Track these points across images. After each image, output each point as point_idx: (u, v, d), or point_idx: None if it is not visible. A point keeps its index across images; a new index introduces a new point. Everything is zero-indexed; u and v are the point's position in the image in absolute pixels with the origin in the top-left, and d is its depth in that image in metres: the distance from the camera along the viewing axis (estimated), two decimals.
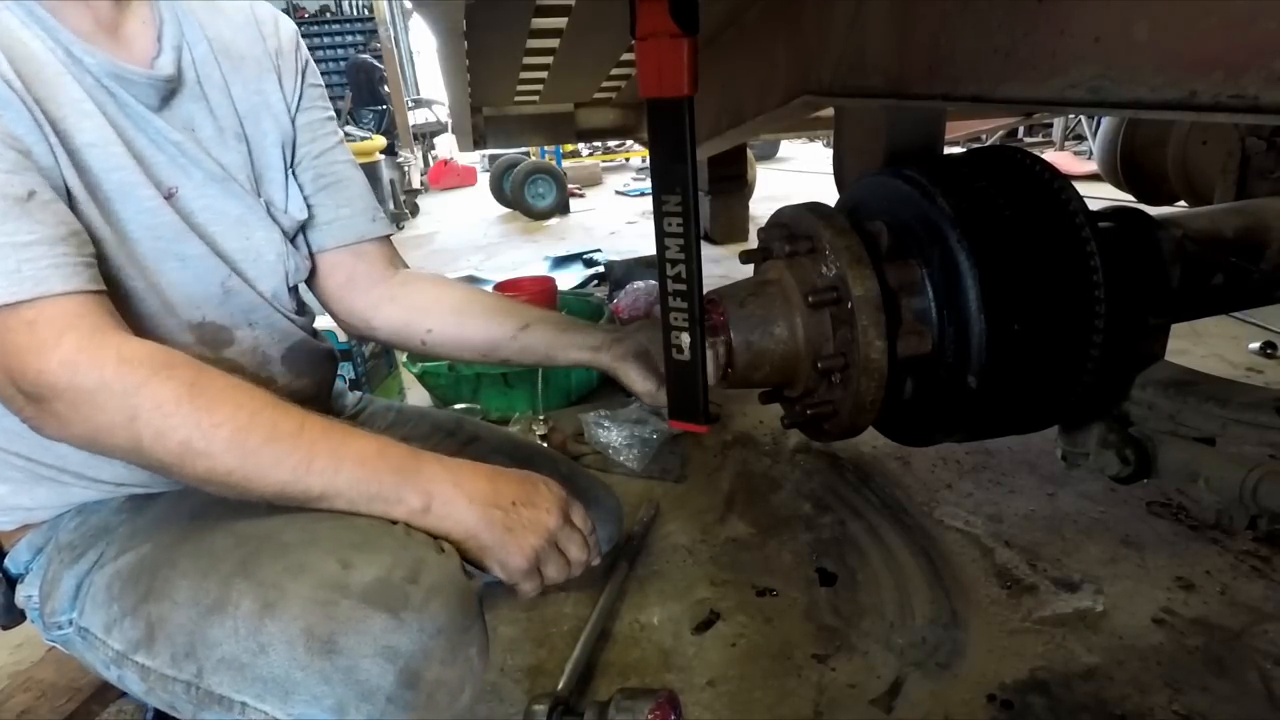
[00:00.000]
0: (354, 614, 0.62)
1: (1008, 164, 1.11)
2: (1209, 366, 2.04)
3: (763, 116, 1.82)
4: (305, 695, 0.61)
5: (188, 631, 0.65)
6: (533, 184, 6.46)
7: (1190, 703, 1.00)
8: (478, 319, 0.99)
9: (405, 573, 0.65)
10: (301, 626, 0.62)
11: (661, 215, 0.80)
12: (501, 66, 2.51)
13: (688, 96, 0.74)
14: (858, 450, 1.75)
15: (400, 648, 0.62)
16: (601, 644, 1.18)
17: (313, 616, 0.62)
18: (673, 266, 0.82)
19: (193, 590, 0.66)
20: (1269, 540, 1.31)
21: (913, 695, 1.05)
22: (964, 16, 0.88)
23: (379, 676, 0.61)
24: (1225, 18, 0.56)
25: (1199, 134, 2.55)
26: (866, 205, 1.16)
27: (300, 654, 0.61)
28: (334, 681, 0.60)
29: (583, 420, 1.91)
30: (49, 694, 0.99)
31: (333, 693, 0.60)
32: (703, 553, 1.41)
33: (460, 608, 0.67)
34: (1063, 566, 1.29)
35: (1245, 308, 1.43)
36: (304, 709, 0.61)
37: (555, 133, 3.70)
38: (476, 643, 0.69)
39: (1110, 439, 1.19)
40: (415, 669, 0.62)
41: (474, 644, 0.68)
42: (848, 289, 1.00)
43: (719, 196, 4.35)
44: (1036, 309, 1.01)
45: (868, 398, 1.04)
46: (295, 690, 0.61)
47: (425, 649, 0.63)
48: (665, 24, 0.70)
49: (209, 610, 0.65)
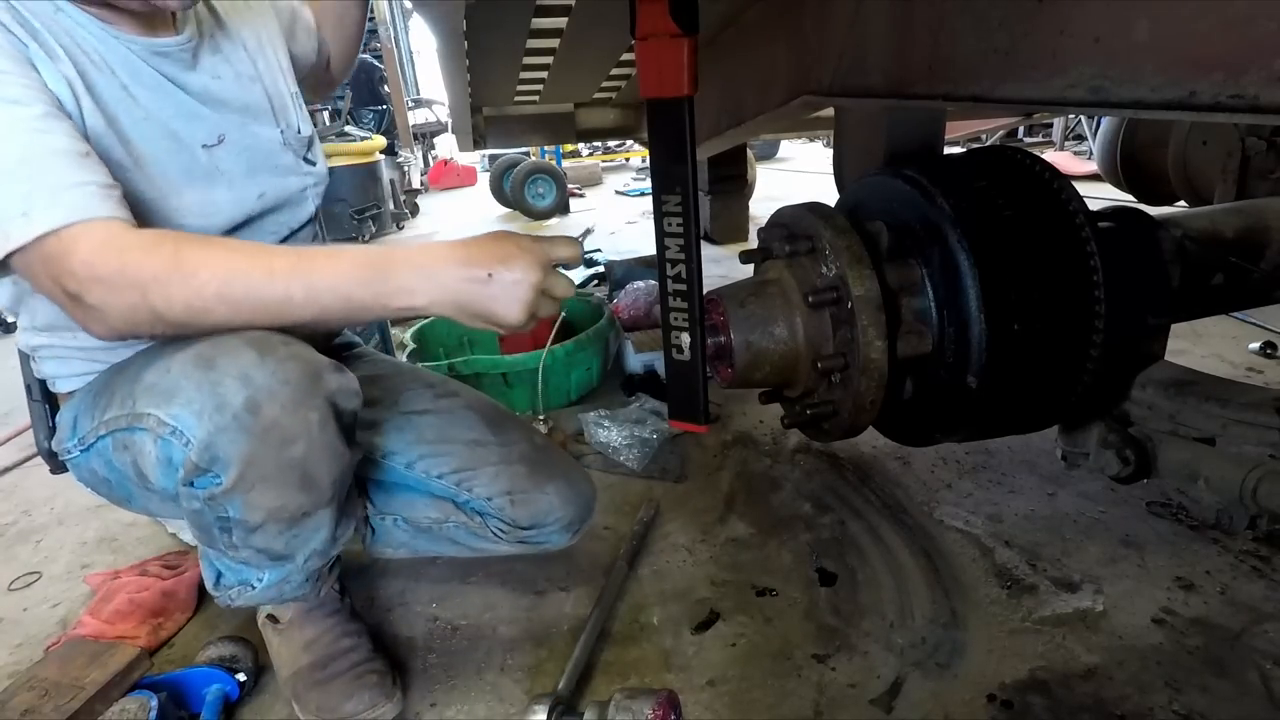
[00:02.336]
0: (235, 348, 0.80)
1: (1008, 164, 1.11)
2: (1209, 366, 2.04)
3: (763, 116, 1.82)
4: (181, 399, 0.80)
5: (131, 380, 0.87)
6: (533, 184, 6.46)
7: (1190, 703, 1.00)
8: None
9: (283, 339, 0.83)
10: (195, 352, 0.81)
11: (661, 215, 0.80)
12: (501, 66, 2.51)
13: (688, 96, 0.74)
14: (858, 450, 1.75)
15: (254, 379, 0.79)
16: (601, 644, 1.18)
17: (205, 347, 0.81)
18: (673, 266, 0.82)
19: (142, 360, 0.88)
20: (1269, 540, 1.31)
21: (913, 695, 1.05)
22: (964, 17, 0.88)
23: (233, 395, 0.79)
24: (1225, 18, 0.56)
25: (1199, 134, 2.55)
26: (866, 205, 1.17)
27: (189, 368, 0.80)
28: (203, 390, 0.79)
29: (583, 420, 1.91)
30: (52, 693, 0.99)
31: (199, 398, 0.79)
32: (703, 553, 1.41)
33: (310, 379, 0.83)
34: (1063, 566, 1.29)
35: (1245, 308, 1.43)
36: (178, 409, 0.80)
37: (555, 133, 3.70)
38: (318, 412, 0.84)
39: (1110, 439, 1.19)
40: (259, 400, 0.80)
41: (315, 411, 0.83)
42: (848, 289, 1.01)
43: (719, 196, 4.34)
44: (1036, 309, 1.01)
45: (868, 398, 1.05)
46: (177, 395, 0.80)
47: (271, 389, 0.80)
48: (665, 24, 0.70)
49: (147, 363, 0.86)
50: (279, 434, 0.82)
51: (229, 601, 0.99)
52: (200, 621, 1.32)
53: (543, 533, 1.20)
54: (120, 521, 1.70)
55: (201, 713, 1.04)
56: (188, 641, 1.27)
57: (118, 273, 0.76)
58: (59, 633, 1.31)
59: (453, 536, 1.24)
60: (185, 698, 1.08)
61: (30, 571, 1.55)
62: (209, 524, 0.88)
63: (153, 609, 1.29)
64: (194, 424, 0.80)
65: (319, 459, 0.86)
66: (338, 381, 0.87)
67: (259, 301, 0.79)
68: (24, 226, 0.75)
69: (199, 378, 0.80)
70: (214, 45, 1.03)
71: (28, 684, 1.01)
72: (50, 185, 0.76)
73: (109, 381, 0.94)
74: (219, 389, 0.79)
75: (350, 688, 1.04)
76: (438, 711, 1.08)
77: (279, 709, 1.11)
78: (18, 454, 2.19)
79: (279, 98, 1.11)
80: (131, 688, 1.04)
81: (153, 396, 0.83)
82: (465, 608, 1.30)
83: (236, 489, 0.83)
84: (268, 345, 0.82)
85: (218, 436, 0.80)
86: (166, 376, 0.82)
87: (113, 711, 0.99)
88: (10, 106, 0.77)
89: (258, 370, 0.80)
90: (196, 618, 1.33)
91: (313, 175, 1.15)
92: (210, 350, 0.81)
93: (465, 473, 1.17)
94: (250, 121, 1.05)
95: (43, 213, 0.75)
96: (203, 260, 0.78)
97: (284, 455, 0.83)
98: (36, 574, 1.54)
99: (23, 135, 0.77)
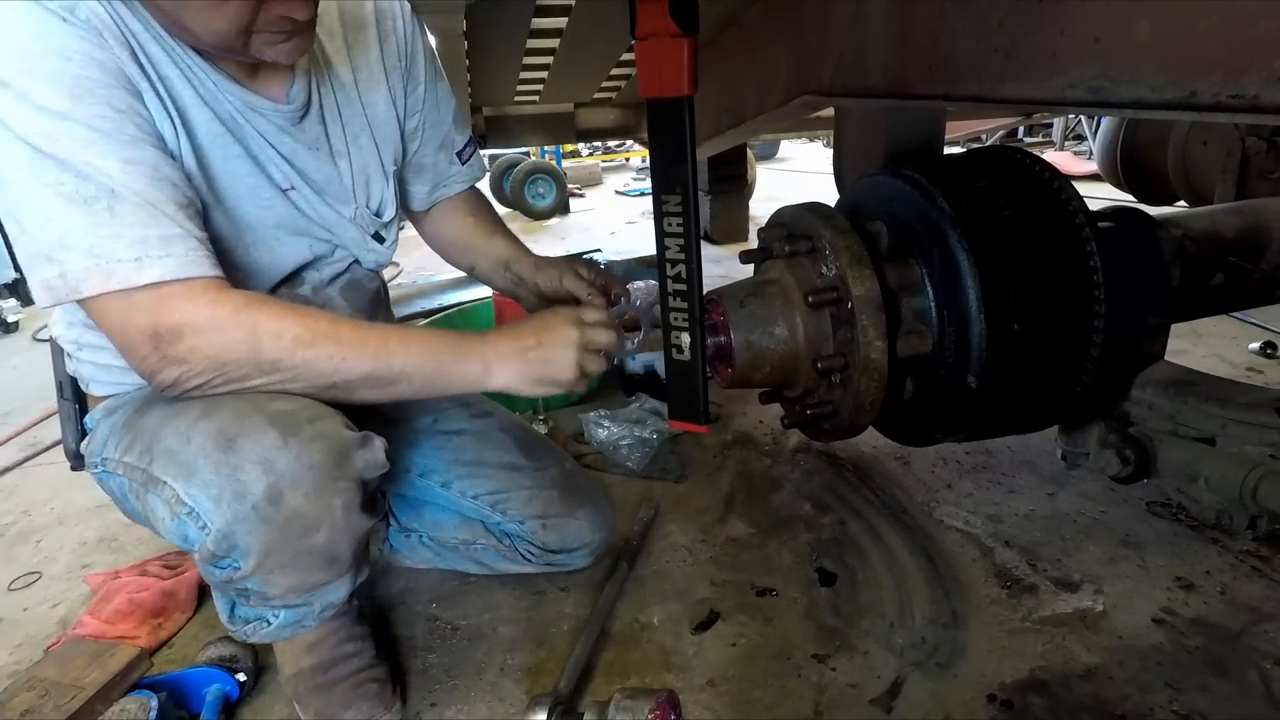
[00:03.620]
0: (258, 427, 0.78)
1: (1008, 164, 1.11)
2: (1209, 366, 2.04)
3: (763, 116, 1.82)
4: (200, 480, 0.78)
5: (151, 433, 0.85)
6: (533, 184, 6.46)
7: (1190, 703, 1.00)
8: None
9: (310, 415, 0.81)
10: (219, 428, 0.79)
11: (661, 215, 0.80)
12: (501, 66, 2.51)
13: (688, 96, 0.74)
14: (858, 450, 1.75)
15: (276, 464, 0.77)
16: (601, 644, 1.18)
17: (230, 423, 0.79)
18: (673, 266, 0.82)
19: (163, 409, 0.86)
20: (1269, 540, 1.31)
21: (913, 695, 1.05)
22: (964, 17, 0.88)
23: (253, 483, 0.77)
24: (1225, 18, 0.56)
25: (1199, 134, 2.55)
26: (866, 205, 1.16)
27: (209, 446, 0.78)
28: (222, 474, 0.77)
29: (583, 420, 1.91)
30: (52, 693, 0.99)
31: (218, 483, 0.77)
32: (703, 553, 1.41)
33: (336, 461, 0.81)
34: (1063, 566, 1.29)
35: (1245, 308, 1.43)
36: (196, 490, 0.78)
37: (555, 133, 3.70)
38: (343, 497, 0.82)
39: (1110, 439, 1.19)
40: (281, 489, 0.78)
41: (339, 496, 0.82)
42: (848, 289, 1.00)
43: (719, 196, 4.35)
44: (1036, 309, 1.01)
45: (868, 398, 1.05)
46: (195, 474, 0.78)
47: (295, 475, 0.78)
48: (665, 24, 0.70)
49: (168, 417, 0.84)
50: (301, 523, 0.81)
51: (244, 636, 0.98)
52: (200, 621, 1.32)
53: (570, 556, 1.27)
54: (120, 521, 1.69)
55: (201, 713, 1.04)
56: (188, 641, 1.27)
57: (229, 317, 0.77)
58: (59, 633, 1.31)
59: (479, 558, 1.30)
60: (185, 698, 1.08)
61: (30, 571, 1.55)
62: (225, 586, 0.88)
63: (153, 609, 1.29)
64: (211, 510, 0.78)
65: (341, 540, 0.85)
66: (365, 459, 0.85)
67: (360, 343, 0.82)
68: (134, 271, 0.74)
69: (219, 460, 0.78)
70: (324, 109, 0.97)
71: (28, 684, 1.01)
72: (163, 235, 0.75)
73: (131, 419, 0.92)
74: (239, 475, 0.77)
75: (350, 696, 1.04)
76: (438, 712, 1.08)
77: (279, 709, 1.11)
78: (18, 454, 2.19)
79: (361, 173, 1.04)
80: (131, 688, 1.04)
81: (170, 467, 0.81)
82: (465, 608, 1.30)
83: (255, 574, 0.82)
84: (292, 424, 0.80)
85: (236, 526, 0.78)
86: (186, 449, 0.80)
87: (113, 711, 0.99)
88: (131, 146, 0.76)
89: (280, 454, 0.78)
90: (196, 618, 1.33)
91: (373, 254, 1.09)
92: (233, 427, 0.79)
93: (500, 495, 1.22)
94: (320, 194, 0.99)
95: (155, 262, 0.74)
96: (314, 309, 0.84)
97: (305, 543, 0.82)
98: (36, 574, 1.54)
99: (142, 179, 0.75)
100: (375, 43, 1.02)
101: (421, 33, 1.09)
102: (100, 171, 0.73)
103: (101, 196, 0.73)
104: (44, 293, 0.75)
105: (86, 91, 0.73)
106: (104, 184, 0.73)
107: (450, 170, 1.19)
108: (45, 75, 0.72)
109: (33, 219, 0.74)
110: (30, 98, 0.71)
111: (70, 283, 0.74)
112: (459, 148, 1.19)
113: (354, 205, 1.03)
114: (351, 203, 1.03)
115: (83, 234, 0.73)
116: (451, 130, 1.17)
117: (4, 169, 0.73)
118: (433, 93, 1.11)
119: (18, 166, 0.72)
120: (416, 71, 1.08)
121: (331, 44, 0.98)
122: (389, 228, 1.10)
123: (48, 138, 0.72)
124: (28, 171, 0.72)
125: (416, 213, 1.24)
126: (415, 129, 1.11)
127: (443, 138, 1.16)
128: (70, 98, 0.72)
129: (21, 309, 4.26)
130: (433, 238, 1.28)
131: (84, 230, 0.73)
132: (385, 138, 1.06)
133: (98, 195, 0.73)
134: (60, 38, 0.73)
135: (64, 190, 0.72)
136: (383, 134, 1.05)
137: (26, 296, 4.66)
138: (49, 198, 0.72)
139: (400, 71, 1.05)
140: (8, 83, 0.71)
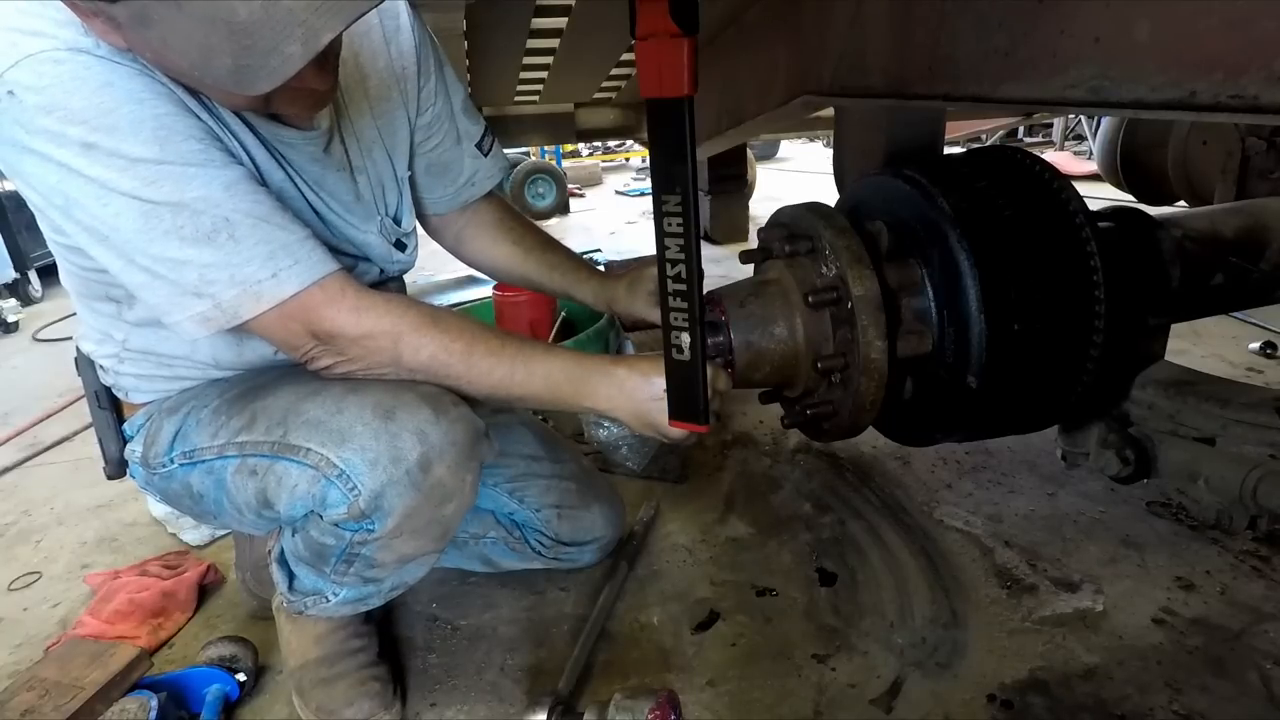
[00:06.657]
0: (413, 402, 0.86)
1: (1008, 164, 1.11)
2: (1209, 366, 2.04)
3: (763, 116, 1.82)
4: (356, 444, 0.83)
5: (284, 409, 0.88)
6: (533, 184, 6.47)
7: (1190, 703, 1.00)
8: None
9: (453, 399, 0.90)
10: (374, 401, 0.85)
11: (661, 215, 0.80)
12: (501, 66, 2.51)
13: (688, 96, 0.74)
14: (858, 450, 1.75)
15: (430, 436, 0.85)
16: (601, 644, 1.18)
17: (384, 397, 0.86)
18: (673, 266, 0.82)
19: (294, 391, 0.90)
20: (1269, 540, 1.31)
21: (913, 695, 1.05)
22: (964, 16, 0.88)
23: (409, 450, 0.84)
24: (1225, 18, 0.56)
25: (1199, 134, 2.55)
26: (866, 205, 1.16)
27: (367, 415, 0.84)
28: (381, 439, 0.83)
29: (583, 420, 1.91)
30: (52, 693, 0.99)
31: (375, 447, 0.83)
32: (703, 553, 1.41)
33: (472, 440, 0.90)
34: (1063, 566, 1.29)
35: (1245, 308, 1.43)
36: (350, 454, 0.83)
37: (555, 133, 3.71)
38: (473, 474, 0.92)
39: (1110, 439, 1.19)
40: (431, 458, 0.86)
41: (470, 474, 0.91)
42: (848, 289, 1.00)
43: (719, 196, 4.35)
44: (1036, 309, 1.01)
45: (868, 398, 1.05)
46: (351, 439, 0.83)
47: (442, 449, 0.86)
48: (665, 24, 0.70)
49: (306, 395, 0.88)
50: (441, 492, 0.88)
51: (301, 609, 1.01)
52: (200, 621, 1.32)
53: (581, 550, 1.29)
54: (120, 521, 1.70)
55: (201, 713, 1.04)
56: (188, 641, 1.27)
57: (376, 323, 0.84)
58: (59, 633, 1.31)
59: (486, 553, 1.31)
60: (185, 698, 1.08)
61: (30, 571, 1.55)
62: (329, 553, 0.91)
63: (153, 609, 1.29)
64: (365, 473, 0.83)
65: (460, 515, 0.94)
66: (487, 446, 0.94)
67: (489, 367, 0.88)
68: (275, 287, 0.79)
69: (378, 427, 0.84)
70: (341, 129, 0.97)
71: (28, 684, 1.01)
72: (285, 243, 0.79)
73: (235, 401, 0.93)
74: (397, 442, 0.84)
75: (352, 693, 1.04)
76: (438, 712, 1.08)
77: (279, 709, 1.11)
78: (18, 454, 2.20)
79: (378, 185, 1.04)
80: (131, 688, 1.04)
81: (316, 434, 0.85)
82: (465, 608, 1.30)
83: (386, 537, 0.87)
84: (441, 404, 0.88)
85: (389, 489, 0.84)
86: (337, 418, 0.85)
87: (113, 711, 0.99)
88: (224, 169, 0.77)
89: (433, 428, 0.86)
90: (196, 618, 1.33)
91: (397, 264, 1.09)
92: (389, 400, 0.85)
93: (519, 482, 1.24)
94: (348, 213, 1.00)
95: (288, 272, 0.79)
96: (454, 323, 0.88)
97: (439, 512, 0.90)
98: (36, 574, 1.54)
99: (246, 198, 0.78)
100: (383, 46, 1.00)
101: (422, 24, 1.08)
102: (209, 203, 0.76)
103: (220, 228, 0.76)
104: (200, 325, 0.80)
105: (170, 130, 0.74)
106: (218, 215, 0.76)
107: (475, 165, 1.17)
108: (127, 126, 0.72)
109: (165, 266, 0.77)
110: (122, 153, 0.72)
111: (227, 312, 0.79)
112: (477, 139, 1.16)
113: (378, 218, 1.04)
114: (375, 216, 1.04)
115: (220, 268, 0.77)
116: (464, 118, 1.15)
117: (118, 225, 0.74)
118: (442, 82, 1.10)
119: (131, 221, 0.74)
120: (425, 65, 1.06)
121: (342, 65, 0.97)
122: (409, 235, 1.11)
123: (152, 186, 0.73)
124: (143, 224, 0.74)
125: (444, 219, 1.22)
126: (430, 123, 1.09)
127: (459, 129, 1.14)
128: (158, 142, 0.73)
129: (21, 309, 4.24)
130: (475, 259, 1.28)
131: (219, 264, 0.77)
132: (396, 145, 1.05)
133: (216, 228, 0.76)
134: (125, 82, 0.72)
135: (185, 233, 0.75)
136: (393, 142, 1.04)
137: (26, 296, 4.66)
138: (174, 243, 0.75)
139: (411, 71, 1.04)
140: (94, 145, 0.71)
